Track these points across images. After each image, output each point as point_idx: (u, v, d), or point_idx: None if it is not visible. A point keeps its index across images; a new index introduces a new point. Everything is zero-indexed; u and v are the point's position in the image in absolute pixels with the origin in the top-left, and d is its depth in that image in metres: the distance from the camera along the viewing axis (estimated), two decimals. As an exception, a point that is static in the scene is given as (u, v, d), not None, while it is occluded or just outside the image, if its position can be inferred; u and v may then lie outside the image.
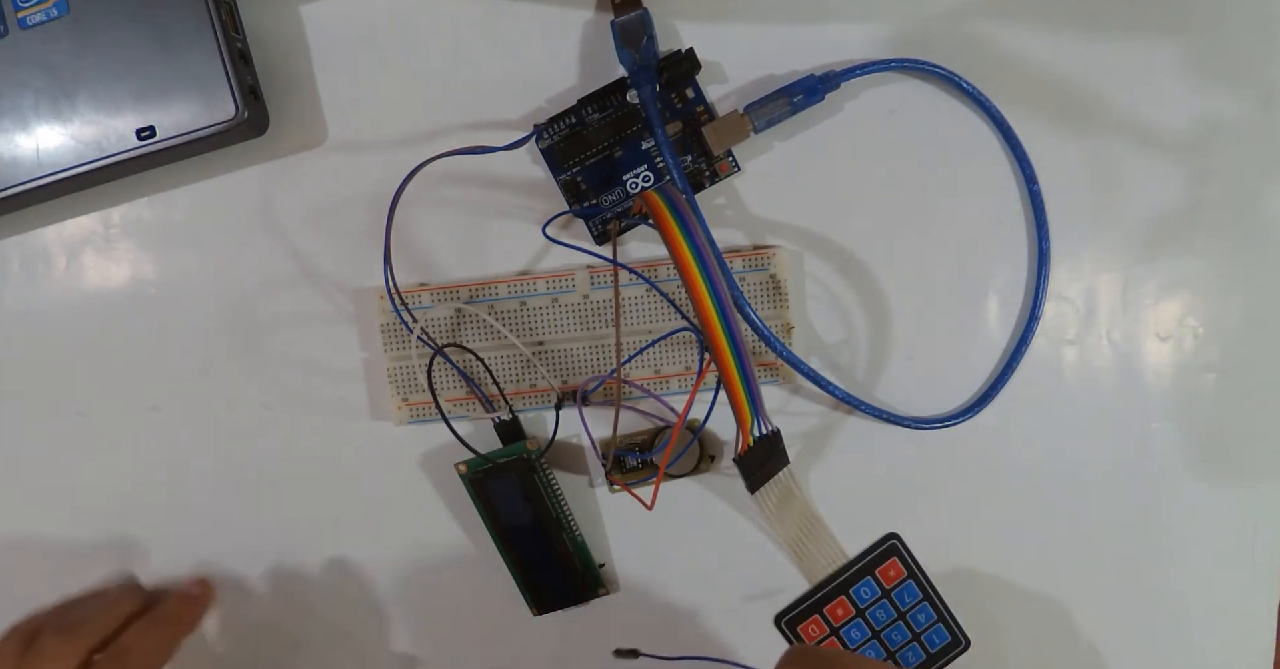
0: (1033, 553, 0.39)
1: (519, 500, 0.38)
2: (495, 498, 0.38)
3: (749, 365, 0.29)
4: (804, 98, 0.37)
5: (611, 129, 0.37)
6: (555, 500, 0.38)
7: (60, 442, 0.40)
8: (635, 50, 0.36)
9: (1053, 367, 0.39)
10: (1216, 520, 0.39)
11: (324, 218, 0.39)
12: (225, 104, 0.36)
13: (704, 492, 0.39)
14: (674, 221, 0.28)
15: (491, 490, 0.38)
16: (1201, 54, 0.37)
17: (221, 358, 0.40)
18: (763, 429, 0.31)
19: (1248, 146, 0.38)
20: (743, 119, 0.37)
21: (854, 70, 0.37)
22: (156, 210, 0.40)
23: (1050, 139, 0.38)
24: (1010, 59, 0.38)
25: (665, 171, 0.38)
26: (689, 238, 0.28)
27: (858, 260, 0.38)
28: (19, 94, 0.36)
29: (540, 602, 0.39)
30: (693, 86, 0.38)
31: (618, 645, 0.38)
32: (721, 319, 0.28)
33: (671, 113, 0.38)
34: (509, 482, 0.38)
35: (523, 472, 0.37)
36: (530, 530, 0.38)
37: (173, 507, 0.40)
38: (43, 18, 0.36)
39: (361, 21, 0.39)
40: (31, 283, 0.40)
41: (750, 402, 0.30)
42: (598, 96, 0.37)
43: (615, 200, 0.38)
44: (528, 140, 0.36)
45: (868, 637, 0.38)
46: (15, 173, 0.36)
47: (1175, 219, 0.38)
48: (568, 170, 0.38)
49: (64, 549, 0.41)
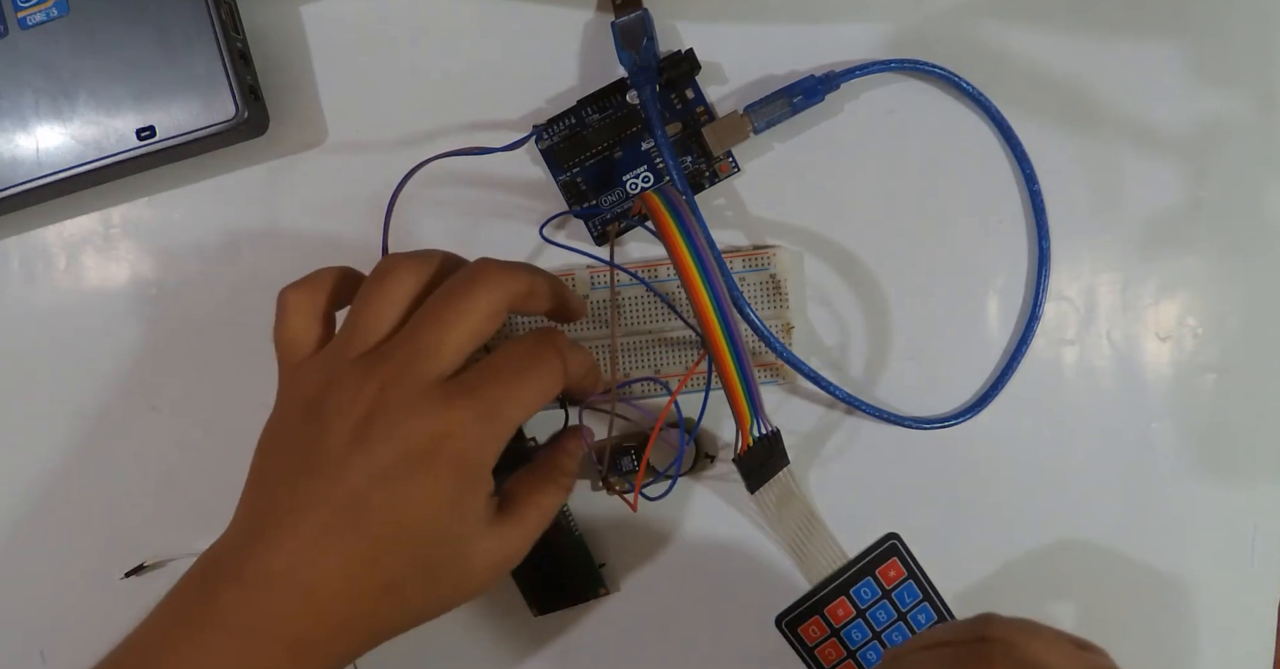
0: (1032, 553, 0.39)
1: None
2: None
3: (748, 365, 0.29)
4: (804, 98, 0.37)
5: (611, 130, 0.37)
6: None
7: (60, 442, 0.40)
8: (635, 51, 0.36)
9: (1053, 367, 0.39)
10: (1216, 520, 0.39)
11: (324, 218, 0.39)
12: (225, 104, 0.36)
13: (704, 491, 0.39)
14: (673, 223, 0.28)
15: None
16: (1201, 54, 0.37)
17: (221, 358, 0.40)
18: (762, 429, 0.31)
19: (1248, 146, 0.38)
20: (743, 120, 0.37)
21: (854, 71, 0.37)
22: (156, 210, 0.40)
23: (1050, 139, 0.38)
24: (1010, 59, 0.38)
25: (665, 172, 0.38)
26: (688, 239, 0.28)
27: (858, 260, 0.38)
28: (19, 94, 0.36)
29: (540, 602, 0.39)
30: (693, 87, 0.38)
31: (618, 645, 0.38)
32: (721, 320, 0.28)
33: (671, 114, 0.38)
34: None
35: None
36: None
37: (173, 507, 0.40)
38: (43, 18, 0.36)
39: (361, 21, 0.39)
40: (31, 283, 0.40)
41: (750, 401, 0.30)
42: (597, 97, 0.37)
43: (615, 201, 0.38)
44: (526, 141, 0.36)
45: (868, 637, 0.38)
46: (15, 173, 0.36)
47: (1175, 219, 0.38)
48: (567, 171, 0.38)
49: (64, 549, 0.41)
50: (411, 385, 0.28)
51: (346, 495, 0.27)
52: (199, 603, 0.28)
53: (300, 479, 0.28)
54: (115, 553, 0.40)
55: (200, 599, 0.28)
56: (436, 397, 0.27)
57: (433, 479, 0.27)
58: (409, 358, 0.28)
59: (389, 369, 0.28)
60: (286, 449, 0.29)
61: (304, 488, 0.28)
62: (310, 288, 0.31)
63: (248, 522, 0.29)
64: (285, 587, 0.27)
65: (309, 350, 0.30)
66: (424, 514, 0.27)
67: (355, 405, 0.27)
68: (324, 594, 0.27)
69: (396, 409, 0.27)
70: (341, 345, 0.29)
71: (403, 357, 0.28)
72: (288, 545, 0.27)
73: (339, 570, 0.27)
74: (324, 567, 0.27)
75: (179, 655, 0.27)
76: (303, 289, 0.31)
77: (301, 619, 0.27)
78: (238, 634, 0.27)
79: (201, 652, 0.27)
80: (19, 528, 0.41)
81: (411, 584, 0.28)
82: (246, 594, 0.27)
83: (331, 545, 0.27)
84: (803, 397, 0.39)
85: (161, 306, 0.40)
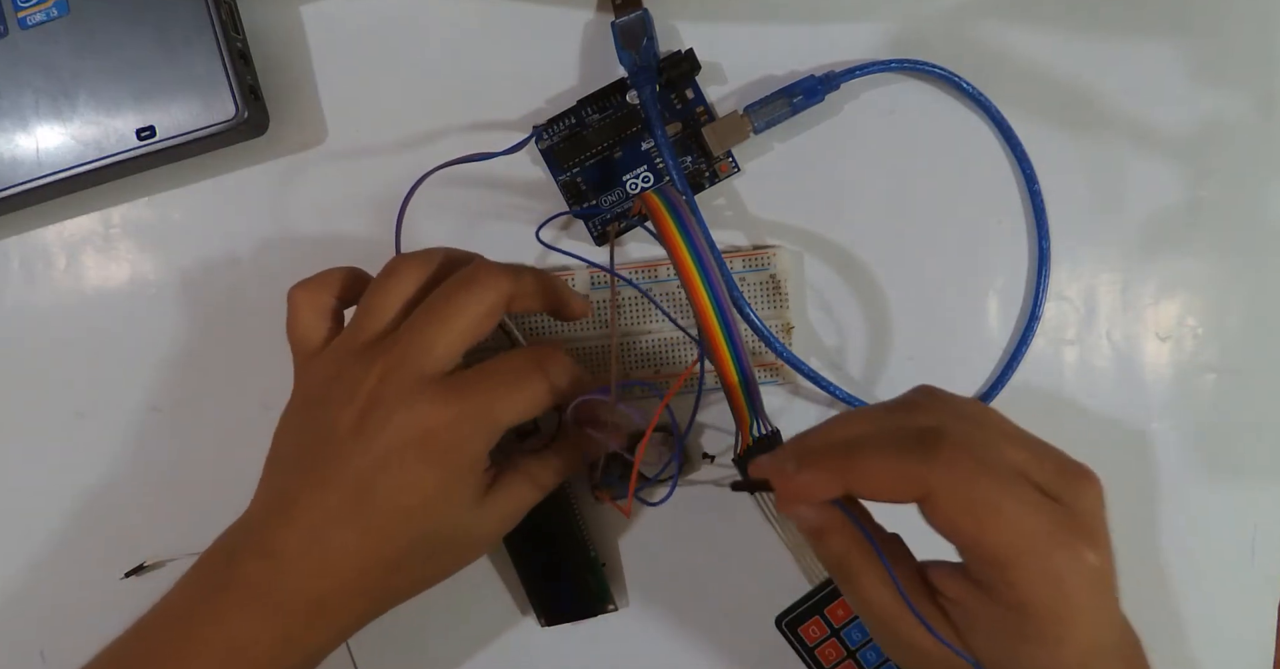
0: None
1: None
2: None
3: (748, 365, 0.29)
4: (804, 98, 0.37)
5: (611, 130, 0.37)
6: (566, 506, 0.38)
7: (60, 442, 0.40)
8: (635, 51, 0.36)
9: (1053, 367, 0.39)
10: (1216, 520, 0.39)
11: (324, 217, 0.39)
12: (225, 104, 0.36)
13: (702, 493, 0.39)
14: (673, 223, 0.28)
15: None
16: (1201, 54, 0.37)
17: (221, 358, 0.40)
18: (763, 429, 0.31)
19: (1248, 147, 0.38)
20: (743, 120, 0.37)
21: (853, 71, 0.37)
22: (156, 210, 0.40)
23: (1050, 139, 0.38)
24: (1010, 59, 0.38)
25: (665, 172, 0.38)
26: (688, 239, 0.28)
27: (858, 260, 0.38)
28: (19, 94, 0.36)
29: (549, 614, 0.39)
30: (693, 87, 0.38)
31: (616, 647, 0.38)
32: (720, 320, 0.28)
33: (671, 114, 0.38)
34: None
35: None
36: (540, 538, 0.38)
37: (173, 507, 0.40)
38: (43, 18, 0.36)
39: (361, 21, 0.39)
40: (31, 283, 0.40)
41: (749, 402, 0.30)
42: (598, 97, 0.37)
43: (615, 201, 0.38)
44: (526, 143, 0.36)
45: (868, 638, 0.38)
46: (15, 173, 0.36)
47: (1175, 219, 0.38)
48: (568, 171, 0.38)
49: (64, 549, 0.41)
50: (406, 379, 0.30)
51: (353, 479, 0.30)
52: (225, 573, 0.30)
53: (311, 463, 0.30)
54: (115, 553, 0.40)
55: (226, 570, 0.30)
56: (429, 392, 0.30)
57: (426, 469, 0.30)
58: (404, 353, 0.30)
59: (386, 362, 0.30)
60: (298, 435, 0.32)
61: (315, 471, 0.30)
62: (317, 287, 0.33)
63: (266, 502, 0.32)
64: (303, 560, 0.30)
65: (319, 344, 0.33)
66: (420, 500, 0.30)
67: (356, 396, 0.30)
68: (337, 567, 0.30)
69: (391, 402, 0.30)
70: (348, 339, 0.32)
71: (399, 351, 0.30)
72: (303, 524, 0.30)
73: (349, 547, 0.30)
74: (336, 544, 0.30)
75: (206, 618, 0.30)
76: (310, 288, 0.33)
77: (317, 588, 0.30)
78: (260, 600, 0.30)
79: (227, 615, 0.30)
80: (19, 528, 0.41)
81: (413, 560, 0.31)
82: (267, 565, 0.30)
83: (342, 525, 0.30)
84: (803, 397, 0.39)
85: (161, 306, 0.40)
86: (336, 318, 0.34)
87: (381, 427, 0.29)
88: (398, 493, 0.30)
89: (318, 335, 0.33)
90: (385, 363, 0.30)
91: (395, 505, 0.30)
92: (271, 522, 0.30)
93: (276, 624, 0.30)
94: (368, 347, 0.31)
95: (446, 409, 0.30)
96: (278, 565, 0.30)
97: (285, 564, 0.30)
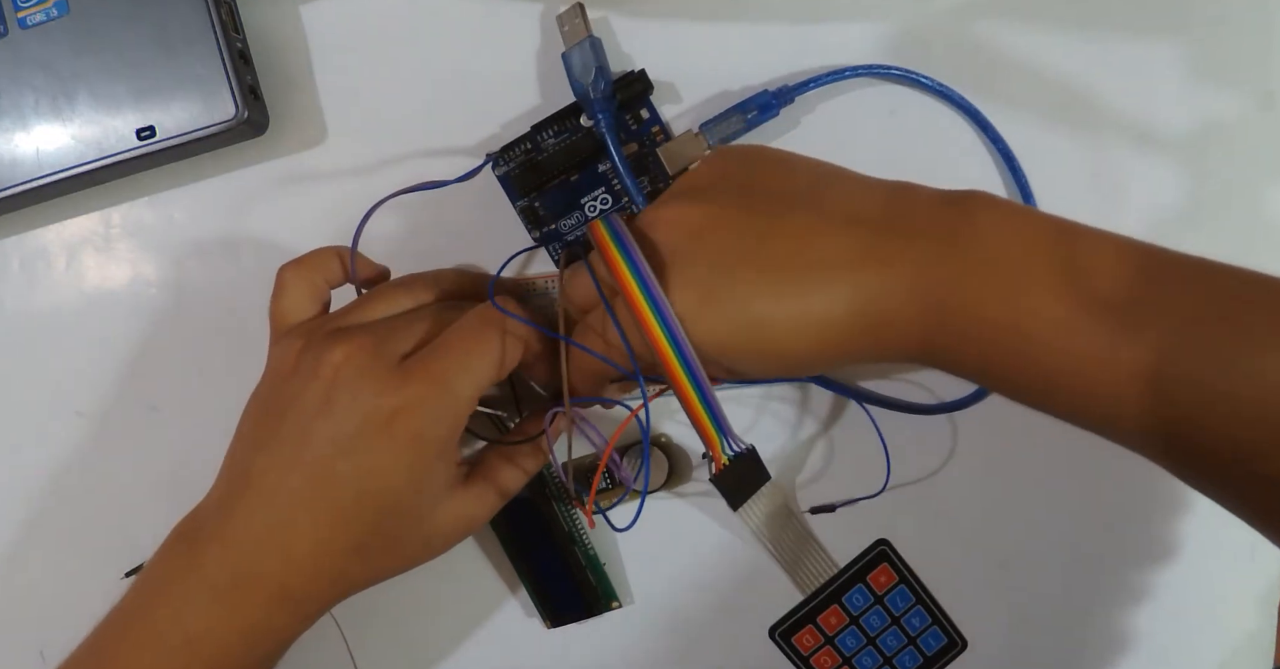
0: (1031, 552, 0.39)
1: (526, 509, 0.37)
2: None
3: (706, 387, 0.29)
4: (759, 114, 0.36)
5: (566, 154, 0.37)
6: (564, 511, 0.38)
7: (60, 442, 0.40)
8: (586, 81, 0.35)
9: (1052, 367, 0.39)
10: (1216, 520, 0.39)
11: (324, 217, 0.39)
12: (225, 104, 0.36)
13: (688, 505, 0.39)
14: (617, 251, 0.28)
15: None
16: (1201, 54, 0.37)
17: (221, 358, 0.40)
18: (734, 448, 0.31)
19: (1248, 146, 0.38)
20: (697, 139, 0.36)
21: (808, 84, 0.36)
22: (156, 210, 0.40)
23: (1049, 139, 0.38)
24: (1011, 59, 0.38)
25: (623, 194, 0.37)
26: (631, 265, 0.28)
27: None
28: (19, 94, 0.36)
29: (554, 615, 0.39)
30: (647, 107, 0.37)
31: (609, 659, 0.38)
32: (673, 346, 0.28)
33: (627, 134, 0.37)
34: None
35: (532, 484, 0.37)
36: (540, 541, 0.38)
37: (173, 507, 0.40)
38: (43, 18, 0.36)
39: (361, 21, 0.39)
40: (31, 283, 0.40)
41: (714, 423, 0.30)
42: (554, 120, 0.37)
43: (573, 225, 0.37)
44: (480, 170, 0.35)
45: (863, 644, 0.38)
46: (15, 173, 0.36)
47: (1175, 219, 0.38)
48: (525, 197, 0.37)
49: (64, 549, 0.41)
50: (372, 359, 0.30)
51: (315, 462, 0.29)
52: (185, 561, 0.30)
53: (274, 443, 0.30)
54: (115, 553, 0.40)
55: (187, 558, 0.30)
56: (395, 372, 0.30)
57: (392, 455, 0.29)
58: (372, 334, 0.30)
59: (355, 342, 0.30)
60: (264, 413, 0.31)
61: (278, 452, 0.30)
62: (309, 266, 0.33)
63: (227, 485, 0.31)
64: (263, 546, 0.30)
65: (298, 323, 0.33)
66: (385, 485, 0.30)
67: (320, 373, 0.30)
68: (298, 553, 0.30)
69: (356, 381, 0.29)
70: (326, 321, 0.32)
71: (367, 332, 0.30)
72: (264, 510, 0.30)
73: (310, 534, 0.30)
74: (297, 530, 0.30)
75: (169, 609, 0.30)
76: (301, 267, 0.33)
77: (279, 574, 0.30)
78: (222, 587, 0.30)
79: (189, 604, 0.30)
80: (19, 528, 0.41)
81: (375, 547, 0.31)
82: (228, 552, 0.30)
83: (304, 510, 0.30)
84: (789, 403, 0.39)
85: (161, 306, 0.40)
86: (322, 300, 0.34)
87: (347, 408, 0.29)
88: (362, 479, 0.29)
89: (299, 314, 0.33)
90: (354, 341, 0.30)
91: (359, 491, 0.29)
92: (231, 508, 0.30)
93: (235, 614, 0.30)
94: (343, 329, 0.31)
95: (411, 389, 0.29)
96: (238, 553, 0.30)
97: (246, 552, 0.30)
